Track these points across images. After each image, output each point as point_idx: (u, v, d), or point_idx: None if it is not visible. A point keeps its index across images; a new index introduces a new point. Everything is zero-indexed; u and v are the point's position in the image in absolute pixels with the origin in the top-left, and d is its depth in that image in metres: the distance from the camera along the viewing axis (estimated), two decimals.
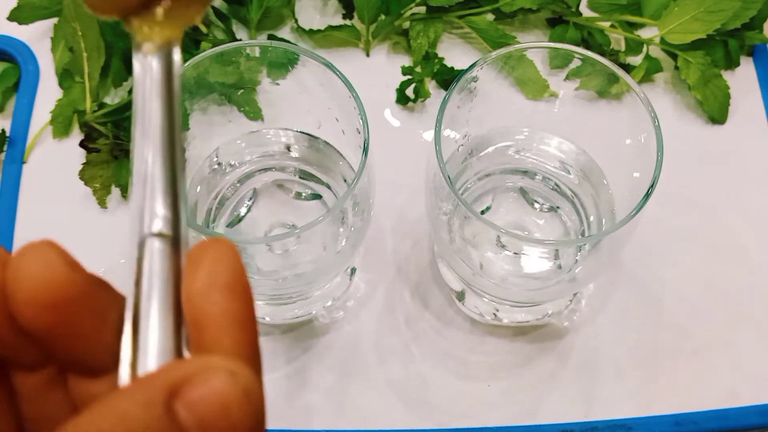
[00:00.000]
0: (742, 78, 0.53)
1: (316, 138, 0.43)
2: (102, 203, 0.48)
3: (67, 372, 0.21)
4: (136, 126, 0.21)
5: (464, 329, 0.45)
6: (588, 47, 0.51)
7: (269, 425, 0.45)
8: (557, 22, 0.53)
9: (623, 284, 0.46)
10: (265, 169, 0.44)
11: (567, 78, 0.41)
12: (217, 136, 0.43)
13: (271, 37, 0.53)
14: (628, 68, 0.51)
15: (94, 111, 0.49)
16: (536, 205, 0.45)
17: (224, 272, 0.18)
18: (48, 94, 0.52)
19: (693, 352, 0.44)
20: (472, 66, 0.39)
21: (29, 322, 0.18)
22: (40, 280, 0.18)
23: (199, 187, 0.43)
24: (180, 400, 0.16)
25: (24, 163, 0.50)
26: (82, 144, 0.49)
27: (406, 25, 0.53)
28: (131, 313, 0.18)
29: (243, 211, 0.44)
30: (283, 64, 0.41)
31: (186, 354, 0.18)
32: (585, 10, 0.54)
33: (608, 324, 0.45)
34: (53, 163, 0.50)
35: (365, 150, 0.36)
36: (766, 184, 0.49)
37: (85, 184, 0.48)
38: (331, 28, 0.53)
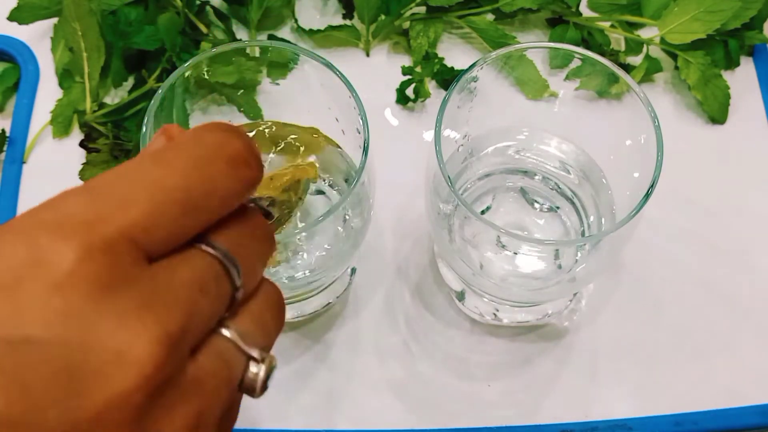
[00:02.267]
0: (742, 78, 0.53)
1: None
2: None
3: None
4: None
5: (464, 329, 0.45)
6: (588, 47, 0.51)
7: (270, 425, 0.45)
8: (557, 22, 0.53)
9: (623, 284, 0.46)
10: None
11: (567, 78, 0.41)
12: None
13: (271, 37, 0.53)
14: (628, 68, 0.51)
15: (94, 111, 0.49)
16: (536, 205, 0.45)
17: None
18: (48, 94, 0.52)
19: (693, 352, 0.44)
20: (472, 66, 0.39)
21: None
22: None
23: None
24: None
25: (24, 163, 0.50)
26: (82, 144, 0.49)
27: (406, 25, 0.53)
28: None
29: None
30: (283, 64, 0.41)
31: None
32: (585, 10, 0.54)
33: (608, 324, 0.45)
34: (53, 163, 0.50)
35: (365, 150, 0.36)
36: (766, 184, 0.49)
37: None
38: (331, 28, 0.53)
